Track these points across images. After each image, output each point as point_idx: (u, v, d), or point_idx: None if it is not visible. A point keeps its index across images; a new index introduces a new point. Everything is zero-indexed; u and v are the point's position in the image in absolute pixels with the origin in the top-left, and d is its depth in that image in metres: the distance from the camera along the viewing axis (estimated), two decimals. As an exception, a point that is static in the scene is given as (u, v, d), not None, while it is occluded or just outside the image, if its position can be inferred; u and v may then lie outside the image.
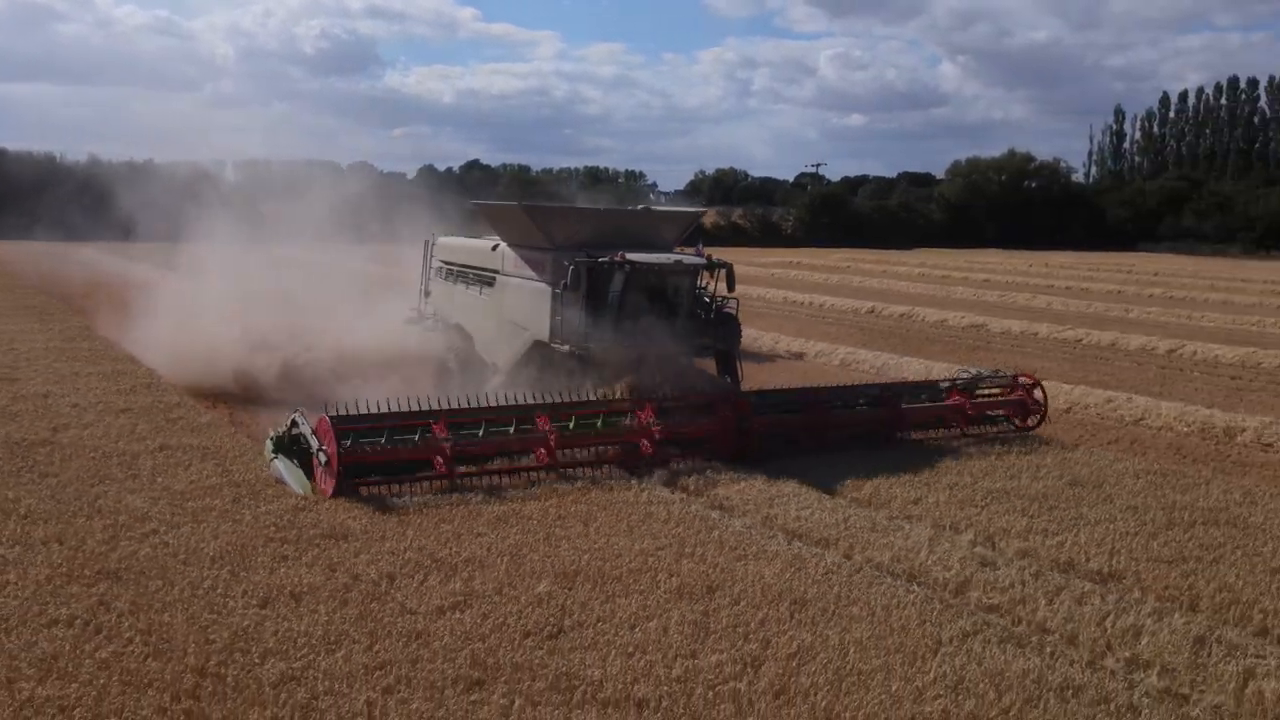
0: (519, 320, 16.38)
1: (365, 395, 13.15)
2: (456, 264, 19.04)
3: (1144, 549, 11.04)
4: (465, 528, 11.03)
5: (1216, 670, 8.18)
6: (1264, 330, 34.34)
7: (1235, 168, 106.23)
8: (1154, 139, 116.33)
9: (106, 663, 7.59)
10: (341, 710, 7.04)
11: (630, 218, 17.54)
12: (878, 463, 14.11)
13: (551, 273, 15.38)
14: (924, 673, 7.90)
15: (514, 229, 16.74)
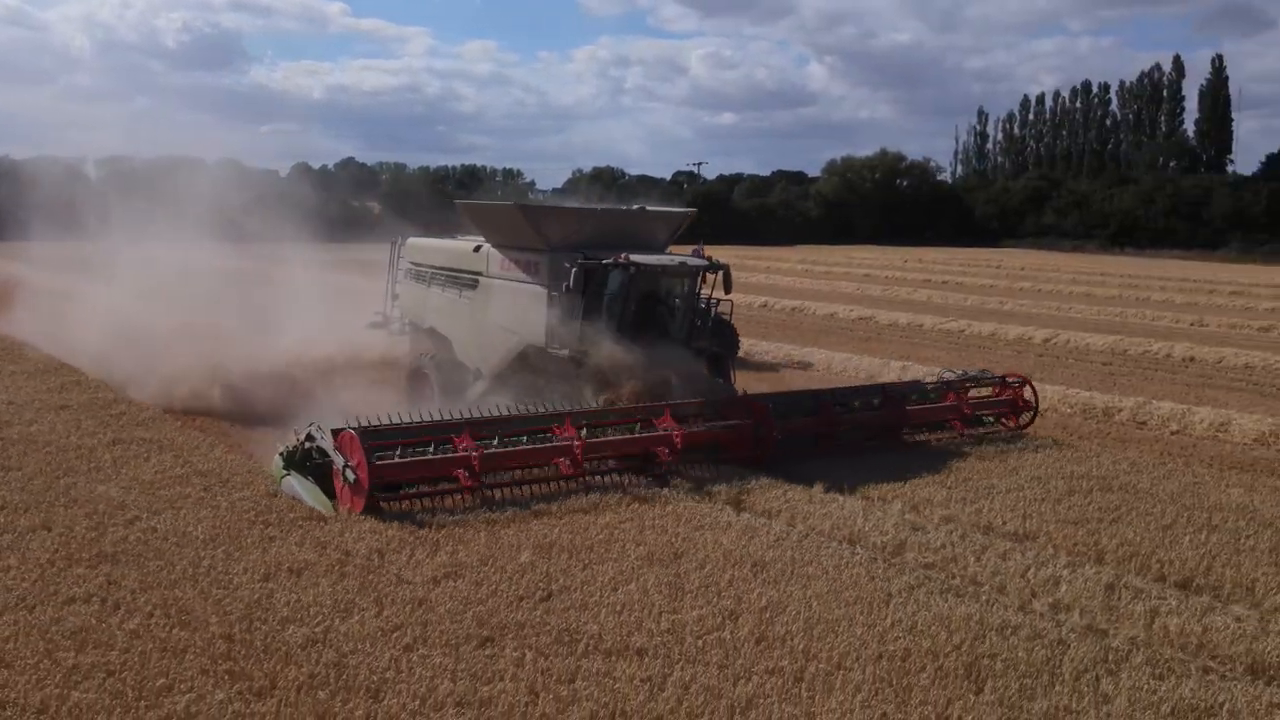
0: (507, 324, 15.99)
1: (338, 404, 13.60)
2: (431, 266, 18.33)
3: (1051, 512, 12.30)
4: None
5: (1127, 610, 9.38)
6: (1126, 320, 36.76)
7: (1090, 168, 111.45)
8: (1015, 140, 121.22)
9: (136, 632, 8.09)
10: (371, 666, 7.68)
11: (625, 218, 17.00)
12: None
13: (547, 275, 15.13)
14: (882, 619, 8.90)
15: (503, 230, 16.29)
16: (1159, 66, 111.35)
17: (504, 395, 15.19)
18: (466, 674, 7.64)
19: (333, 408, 14.27)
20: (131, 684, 7.25)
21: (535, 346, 15.41)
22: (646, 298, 15.42)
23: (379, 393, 16.73)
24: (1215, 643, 8.75)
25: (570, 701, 7.26)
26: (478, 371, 16.66)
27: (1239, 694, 7.76)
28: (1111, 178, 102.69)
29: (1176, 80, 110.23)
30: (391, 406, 13.50)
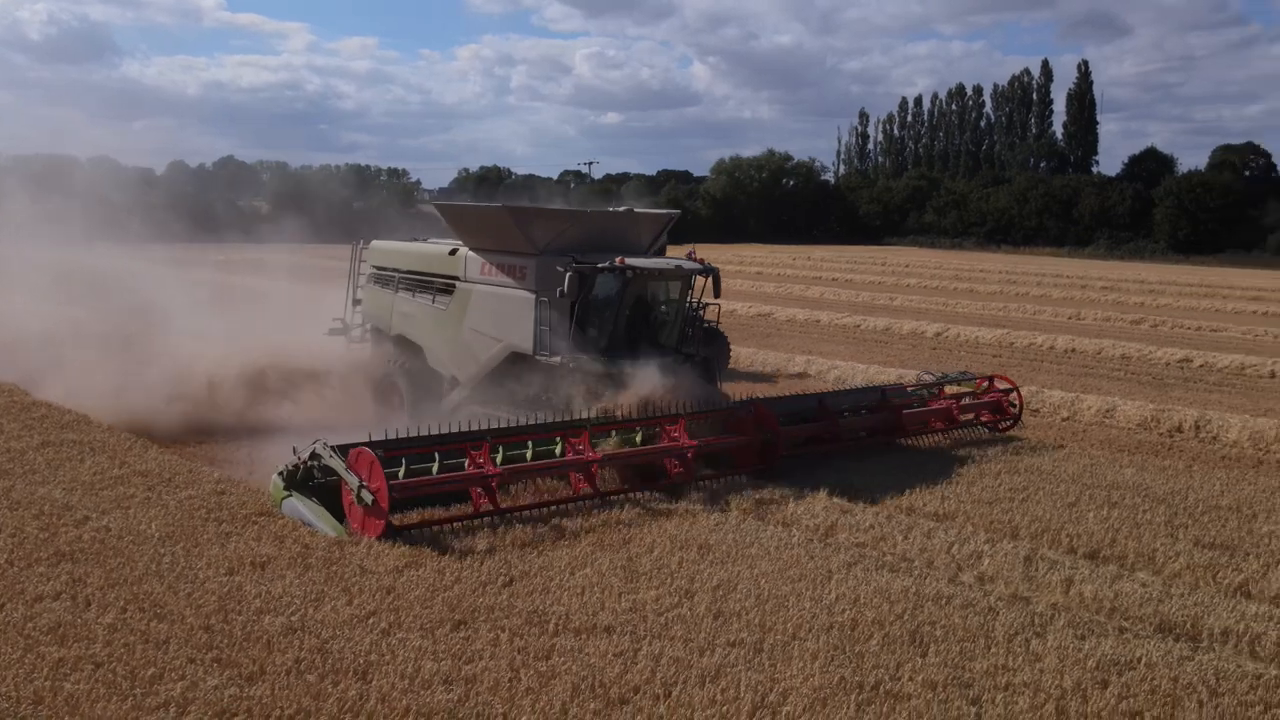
0: (489, 330, 15.46)
1: (300, 416, 13.56)
2: (399, 270, 17.56)
3: (967, 493, 13.12)
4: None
5: (1045, 579, 10.17)
6: (1009, 315, 38.44)
7: (965, 168, 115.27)
8: (894, 140, 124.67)
9: (114, 626, 8.23)
10: (354, 650, 7.97)
11: (612, 220, 16.34)
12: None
13: (535, 279, 14.64)
14: (827, 593, 9.52)
15: (486, 233, 15.62)
16: (1029, 71, 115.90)
17: (483, 405, 14.87)
18: (447, 654, 8.00)
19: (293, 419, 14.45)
20: (122, 674, 7.42)
21: (521, 354, 14.91)
22: (639, 302, 15.15)
23: (337, 404, 16.63)
24: (1126, 606, 9.58)
25: (550, 676, 7.68)
26: (453, 380, 16.14)
27: (1152, 649, 8.56)
28: (986, 178, 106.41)
29: (1045, 84, 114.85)
30: (348, 418, 13.72)
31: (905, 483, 13.49)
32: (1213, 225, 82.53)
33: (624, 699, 7.38)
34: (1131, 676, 8.02)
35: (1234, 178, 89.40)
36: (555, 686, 7.50)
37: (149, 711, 6.90)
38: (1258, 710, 7.56)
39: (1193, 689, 7.84)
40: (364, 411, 16.29)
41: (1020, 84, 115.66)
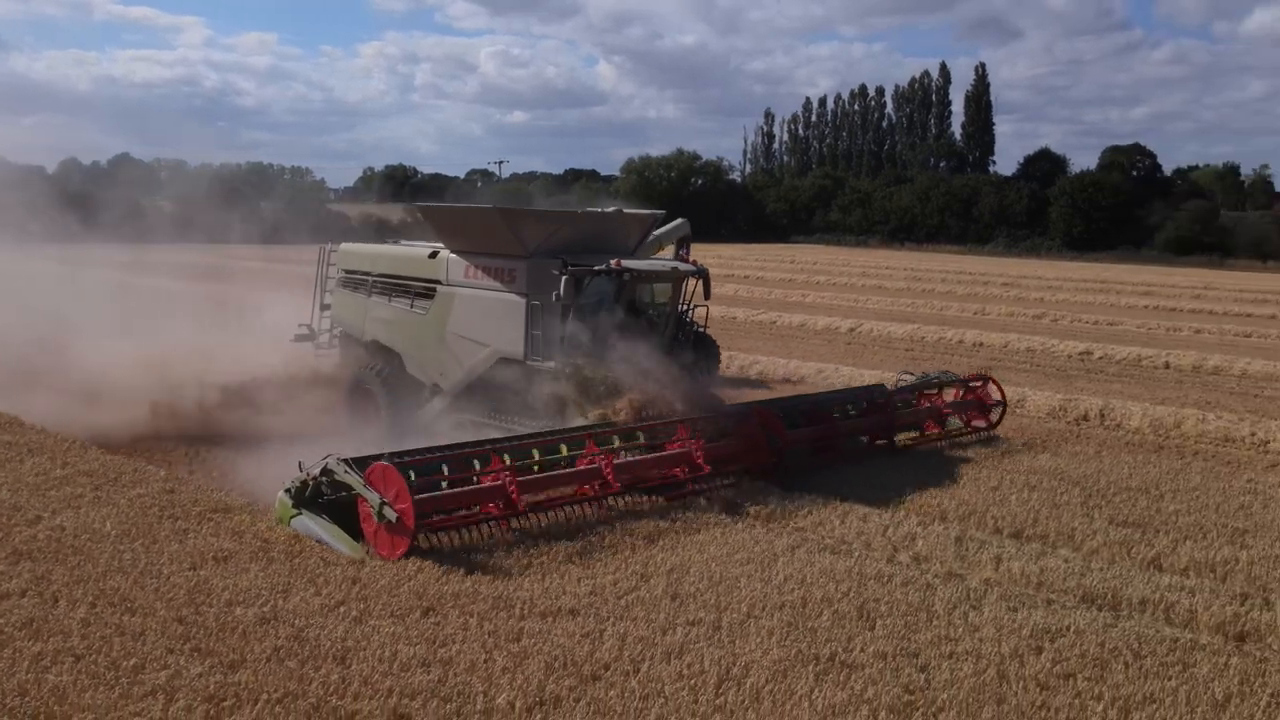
0: (475, 335, 15.08)
1: (271, 428, 13.75)
2: (372, 274, 17.03)
3: (896, 481, 13.74)
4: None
5: (976, 558, 10.81)
6: (917, 310, 39.59)
7: (868, 167, 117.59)
8: (799, 140, 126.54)
9: (87, 620, 8.34)
10: (329, 636, 8.21)
11: (602, 221, 15.90)
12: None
13: (527, 282, 14.31)
14: (776, 574, 10.01)
15: (473, 235, 15.17)
16: (928, 73, 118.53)
17: (467, 412, 14.72)
18: (421, 639, 8.28)
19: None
20: (103, 665, 7.56)
21: (510, 359, 14.59)
22: (631, 305, 15.00)
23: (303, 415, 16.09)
24: (1052, 580, 10.25)
25: (523, 656, 8.02)
26: (435, 387, 15.81)
27: (1079, 618, 9.21)
28: (889, 177, 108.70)
29: (944, 86, 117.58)
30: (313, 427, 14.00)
31: (839, 473, 14.05)
32: (1104, 224, 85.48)
33: (595, 675, 7.76)
34: (1063, 643, 8.64)
35: (1122, 178, 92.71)
36: (529, 665, 7.85)
37: (137, 700, 7.07)
38: (1176, 670, 8.21)
39: (1118, 652, 8.48)
40: (324, 420, 15.81)
41: (920, 85, 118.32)
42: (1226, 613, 9.45)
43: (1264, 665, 8.37)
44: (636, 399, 13.39)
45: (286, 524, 10.79)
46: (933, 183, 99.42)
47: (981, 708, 7.44)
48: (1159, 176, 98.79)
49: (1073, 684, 7.89)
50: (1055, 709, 7.46)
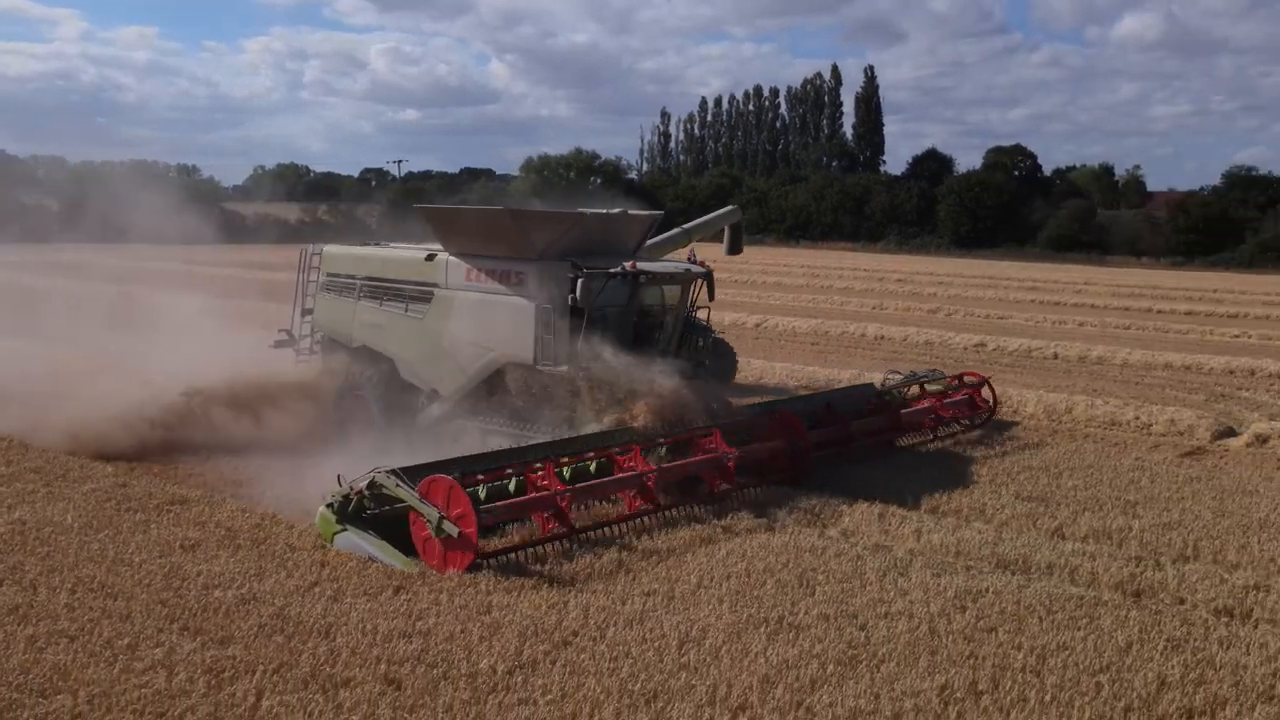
0: (478, 340, 14.65)
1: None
2: (361, 277, 16.41)
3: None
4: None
5: (899, 531, 11.70)
6: (818, 306, 40.86)
7: (763, 166, 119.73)
8: (695, 139, 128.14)
9: (72, 605, 8.69)
10: (310, 614, 8.69)
11: (607, 222, 15.48)
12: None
13: (536, 285, 13.92)
14: (718, 550, 10.76)
15: (476, 236, 14.70)
16: (820, 74, 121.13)
17: (470, 417, 14.61)
18: (397, 614, 8.82)
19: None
20: (98, 644, 7.95)
21: (518, 364, 14.23)
22: (648, 307, 14.81)
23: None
24: (969, 549, 11.18)
25: (496, 627, 8.61)
26: (433, 393, 15.38)
27: (995, 581, 10.13)
28: (783, 176, 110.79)
29: (835, 87, 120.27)
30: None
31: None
32: (990, 222, 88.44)
33: (566, 641, 8.39)
34: (983, 602, 9.54)
35: (1006, 178, 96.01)
36: (504, 634, 8.44)
37: (138, 674, 7.47)
38: (1084, 622, 9.16)
39: (1032, 609, 9.41)
40: (363, 426, 15.42)
41: (813, 86, 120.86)
42: (1124, 573, 10.47)
43: (1159, 617, 9.36)
44: (653, 403, 13.18)
45: (329, 540, 10.49)
46: (826, 182, 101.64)
47: (917, 659, 8.26)
48: (1039, 176, 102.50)
49: (995, 636, 8.77)
50: (981, 658, 8.31)
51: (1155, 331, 34.83)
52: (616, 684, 7.59)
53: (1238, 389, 23.38)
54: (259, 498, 12.47)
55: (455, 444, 13.63)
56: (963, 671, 8.01)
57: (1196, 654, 8.49)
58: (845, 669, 8.03)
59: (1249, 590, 10.10)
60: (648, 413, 13.02)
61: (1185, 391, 22.76)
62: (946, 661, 8.23)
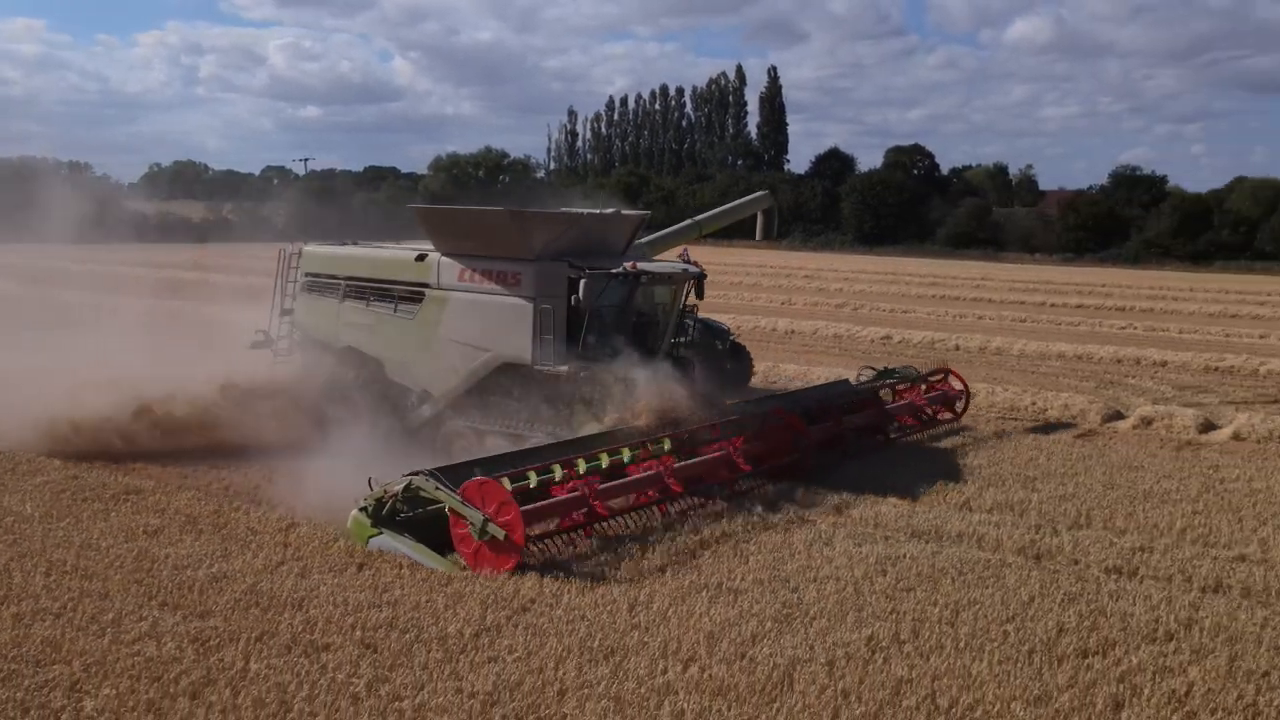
0: (472, 340, 14.68)
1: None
2: (346, 278, 16.24)
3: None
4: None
5: (819, 505, 12.62)
6: (729, 302, 41.86)
7: (670, 165, 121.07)
8: (603, 138, 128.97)
9: (50, 586, 9.12)
10: (281, 589, 9.23)
11: (601, 222, 15.52)
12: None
13: (534, 286, 14.06)
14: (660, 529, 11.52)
15: (471, 236, 14.75)
16: (725, 74, 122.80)
17: (464, 418, 14.72)
18: (364, 587, 9.42)
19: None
20: (84, 619, 8.41)
21: (516, 364, 14.33)
22: (644, 308, 15.03)
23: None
24: (885, 521, 12.13)
25: (458, 596, 9.26)
26: (424, 394, 15.37)
27: (911, 548, 11.07)
28: (690, 175, 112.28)
29: (740, 87, 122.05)
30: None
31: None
32: (891, 220, 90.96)
33: (525, 607, 9.08)
34: (901, 566, 10.46)
35: (905, 177, 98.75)
36: (467, 602, 9.10)
37: (128, 644, 7.97)
38: (991, 581, 10.12)
39: (945, 571, 10.36)
40: (351, 427, 14.79)
41: (718, 86, 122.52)
42: (1025, 539, 11.50)
43: (1056, 575, 10.38)
44: (654, 402, 13.28)
45: (363, 543, 10.48)
46: (732, 180, 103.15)
47: (845, 615, 9.13)
48: (937, 175, 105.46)
49: (913, 595, 9.68)
50: (902, 613, 9.21)
51: (1049, 324, 36.59)
52: (576, 642, 8.31)
53: (1125, 376, 24.95)
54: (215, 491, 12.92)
55: (449, 445, 14.04)
56: (886, 625, 8.90)
57: (1090, 605, 9.51)
58: (782, 625, 8.85)
59: (1135, 551, 11.20)
60: (649, 412, 13.15)
61: (1077, 379, 24.22)
62: (871, 617, 9.11)
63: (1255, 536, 11.89)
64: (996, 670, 8.04)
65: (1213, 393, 22.73)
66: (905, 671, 7.96)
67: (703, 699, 7.38)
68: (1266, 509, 13.12)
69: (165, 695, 7.17)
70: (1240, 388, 23.76)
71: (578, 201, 71.70)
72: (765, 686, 7.62)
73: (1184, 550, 11.35)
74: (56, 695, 7.13)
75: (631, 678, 7.68)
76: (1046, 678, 7.94)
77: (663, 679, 7.67)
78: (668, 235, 20.19)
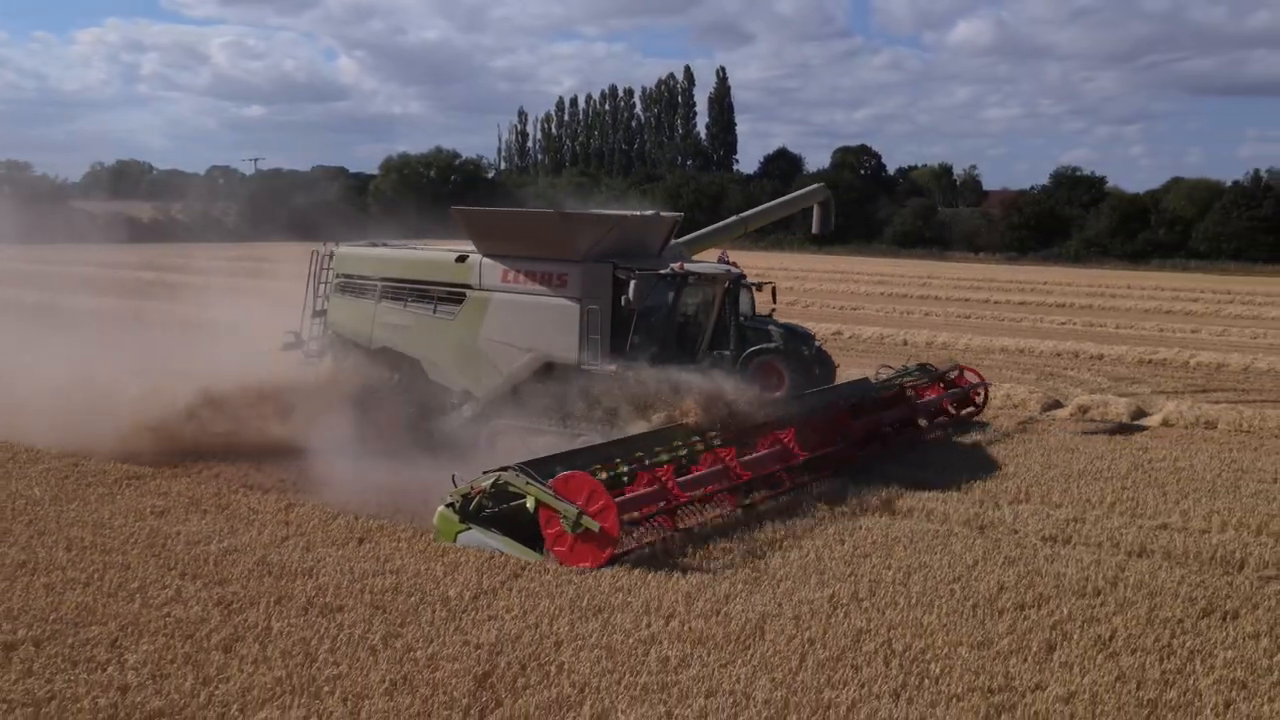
0: (515, 341, 14.88)
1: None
2: (381, 278, 16.32)
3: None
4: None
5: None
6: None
7: (620, 166, 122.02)
8: (553, 139, 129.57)
9: (74, 560, 9.82)
10: (289, 560, 9.99)
11: (641, 224, 15.62)
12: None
13: (580, 286, 14.37)
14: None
15: (516, 238, 15.01)
16: (674, 75, 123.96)
17: (506, 417, 14.88)
18: (368, 558, 10.21)
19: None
20: (113, 586, 9.14)
21: (561, 364, 14.60)
22: (688, 308, 15.33)
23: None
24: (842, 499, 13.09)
25: (456, 565, 10.08)
26: (465, 393, 15.51)
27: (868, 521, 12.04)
28: (640, 175, 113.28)
29: (688, 88, 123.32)
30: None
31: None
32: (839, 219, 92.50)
33: (516, 574, 9.91)
34: (859, 536, 11.42)
35: (853, 177, 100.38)
36: (464, 570, 9.93)
37: (158, 608, 8.71)
38: (939, 548, 11.09)
39: (899, 540, 11.33)
40: (387, 427, 15.50)
41: (667, 87, 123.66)
42: (970, 512, 12.51)
43: (998, 543, 11.39)
44: (702, 400, 13.53)
45: (451, 539, 10.73)
46: (683, 180, 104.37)
47: (809, 577, 10.05)
48: (884, 175, 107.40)
49: (869, 560, 10.63)
50: (860, 575, 10.16)
51: (992, 320, 37.98)
52: (566, 602, 9.16)
53: (1064, 369, 26.25)
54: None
55: (493, 444, 14.39)
56: (846, 585, 9.84)
57: (1027, 567, 10.52)
58: (751, 586, 9.77)
59: (1069, 522, 12.26)
60: (697, 410, 13.42)
61: (1019, 371, 25.45)
62: (832, 579, 10.05)
63: (1177, 508, 13.00)
64: (944, 621, 9.01)
65: (1145, 383, 24.03)
66: (864, 624, 8.89)
67: (684, 647, 8.26)
68: (1189, 484, 14.27)
69: (199, 650, 7.92)
70: (1171, 379, 25.11)
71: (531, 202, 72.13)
72: (740, 636, 8.51)
73: (1113, 520, 12.42)
74: (100, 650, 7.85)
75: (619, 630, 8.55)
76: (988, 626, 8.92)
77: (647, 631, 8.55)
78: (708, 234, 20.03)
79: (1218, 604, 9.64)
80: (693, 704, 7.24)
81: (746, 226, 21.07)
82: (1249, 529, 12.26)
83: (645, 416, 13.73)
